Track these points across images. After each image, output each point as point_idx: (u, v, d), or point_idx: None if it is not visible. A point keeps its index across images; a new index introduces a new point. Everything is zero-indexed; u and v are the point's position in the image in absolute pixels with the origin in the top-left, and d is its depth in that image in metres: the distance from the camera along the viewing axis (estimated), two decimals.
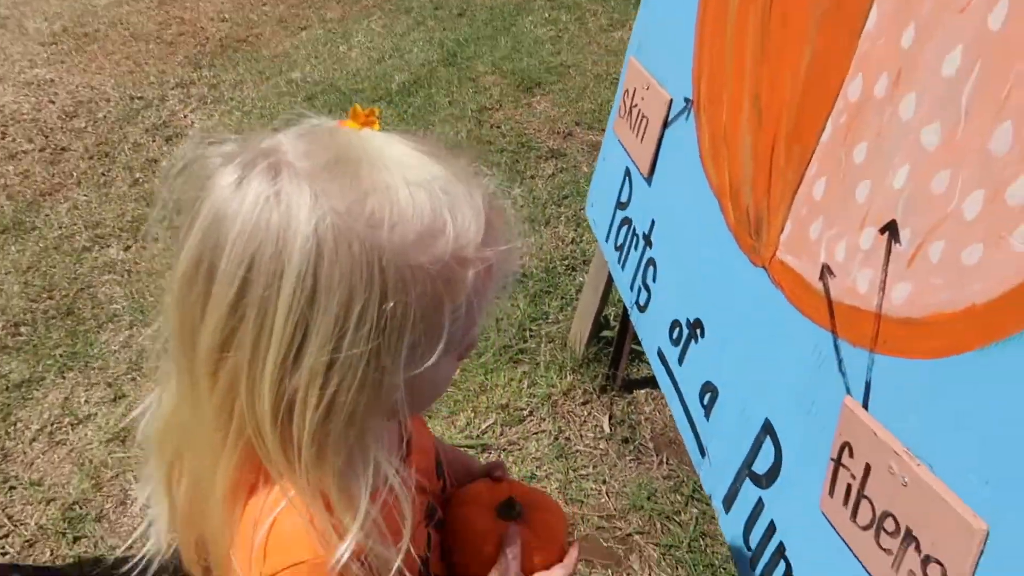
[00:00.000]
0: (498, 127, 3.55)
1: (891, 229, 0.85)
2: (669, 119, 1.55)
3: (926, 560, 0.76)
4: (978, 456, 0.72)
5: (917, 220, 0.81)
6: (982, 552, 0.71)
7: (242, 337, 0.53)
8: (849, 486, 0.89)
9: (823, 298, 0.98)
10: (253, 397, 0.55)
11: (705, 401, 1.32)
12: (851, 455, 0.89)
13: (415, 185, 0.55)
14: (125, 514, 1.76)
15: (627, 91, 1.77)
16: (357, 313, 0.52)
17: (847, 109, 0.96)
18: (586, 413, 2.04)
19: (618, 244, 1.84)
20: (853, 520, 0.89)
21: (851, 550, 0.88)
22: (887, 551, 0.83)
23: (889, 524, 0.82)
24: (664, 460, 1.89)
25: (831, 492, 0.93)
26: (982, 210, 0.72)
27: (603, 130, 2.70)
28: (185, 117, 3.58)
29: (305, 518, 0.59)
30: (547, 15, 4.63)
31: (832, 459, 0.92)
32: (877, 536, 0.84)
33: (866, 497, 0.86)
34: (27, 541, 1.69)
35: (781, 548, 1.05)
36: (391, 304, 0.53)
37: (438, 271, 0.55)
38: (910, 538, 0.79)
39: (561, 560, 0.96)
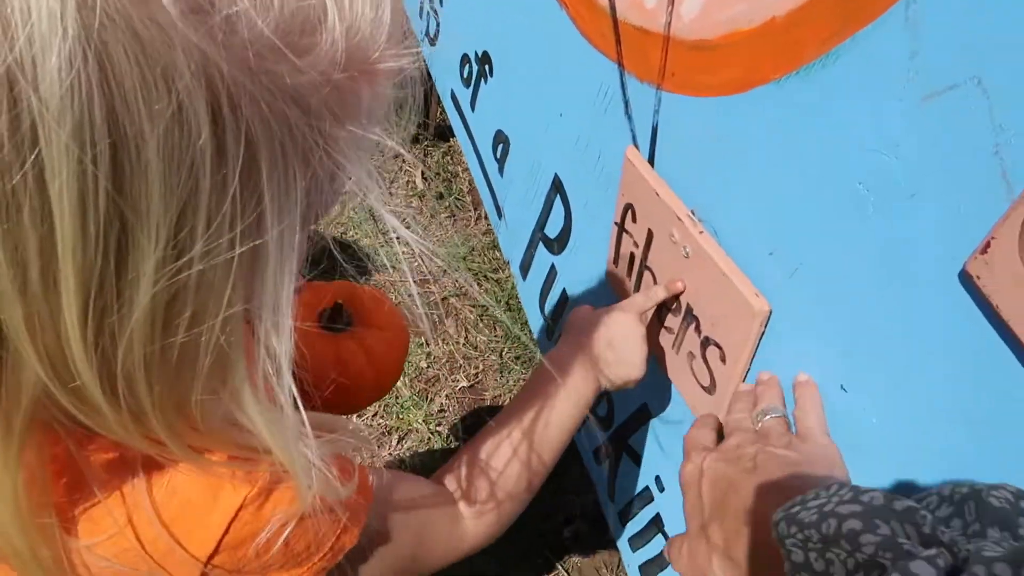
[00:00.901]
0: None
1: None
2: None
3: (705, 342, 0.65)
4: (767, 219, 0.56)
5: None
6: (762, 335, 0.59)
7: None
8: (632, 255, 0.75)
9: (608, 17, 0.74)
10: (56, 377, 0.29)
11: (498, 154, 1.12)
12: (634, 219, 0.73)
13: None
14: None
15: None
16: (208, 189, 0.27)
17: None
18: (396, 168, 1.81)
19: None
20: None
21: None
22: (668, 329, 0.71)
23: (670, 300, 0.69)
24: (483, 214, 1.73)
25: (615, 261, 0.79)
26: None
27: None
28: None
29: (204, 465, 0.37)
30: None
31: (616, 223, 0.76)
32: (660, 314, 0.72)
33: (648, 268, 0.72)
34: None
35: None
36: (262, 166, 0.29)
37: (328, 96, 0.30)
38: (691, 317, 0.66)
39: (405, 345, 0.81)
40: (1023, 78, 0.36)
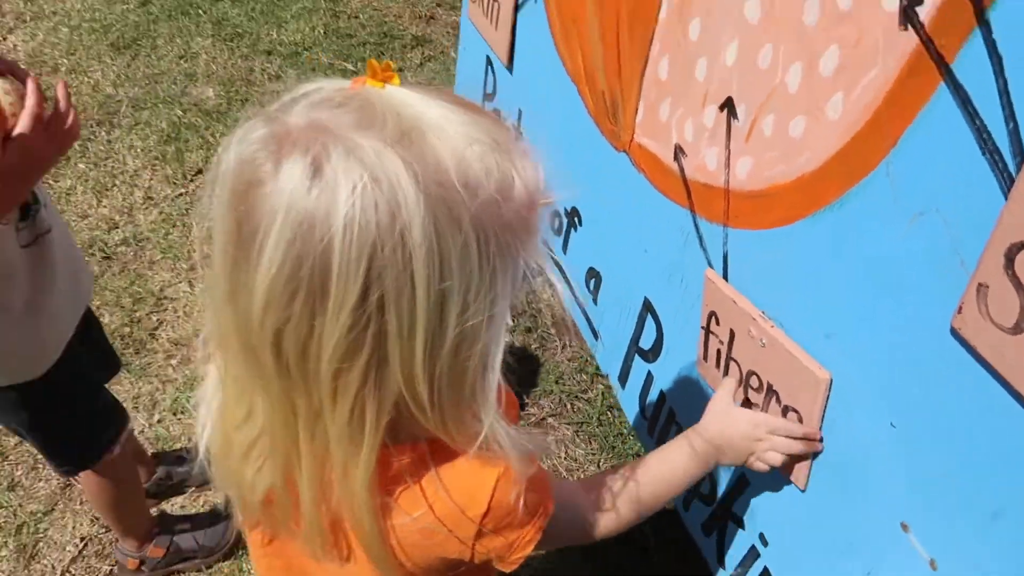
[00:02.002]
0: (356, 17, 3.34)
1: (728, 106, 0.87)
2: (519, 2, 1.50)
3: (786, 409, 0.84)
4: (818, 312, 0.78)
5: (750, 95, 0.83)
6: (828, 398, 0.78)
7: (373, 338, 0.50)
8: (719, 351, 0.96)
9: (679, 178, 1.01)
10: (413, 392, 0.53)
11: (591, 287, 1.36)
12: (717, 323, 0.95)
13: (478, 144, 0.52)
14: None
15: None
16: (476, 278, 0.50)
17: None
18: None
19: None
20: None
21: None
22: (755, 405, 0.91)
23: (754, 381, 0.90)
24: (567, 343, 1.97)
25: (705, 357, 1.00)
26: (801, 82, 0.74)
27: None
28: (3, 40, 3.19)
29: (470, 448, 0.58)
30: None
31: (703, 327, 0.99)
32: (746, 392, 0.92)
33: (733, 359, 0.93)
34: None
35: (672, 415, 1.14)
36: (495, 266, 0.52)
37: (520, 224, 0.54)
38: (771, 392, 0.87)
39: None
40: (964, 205, 0.59)
